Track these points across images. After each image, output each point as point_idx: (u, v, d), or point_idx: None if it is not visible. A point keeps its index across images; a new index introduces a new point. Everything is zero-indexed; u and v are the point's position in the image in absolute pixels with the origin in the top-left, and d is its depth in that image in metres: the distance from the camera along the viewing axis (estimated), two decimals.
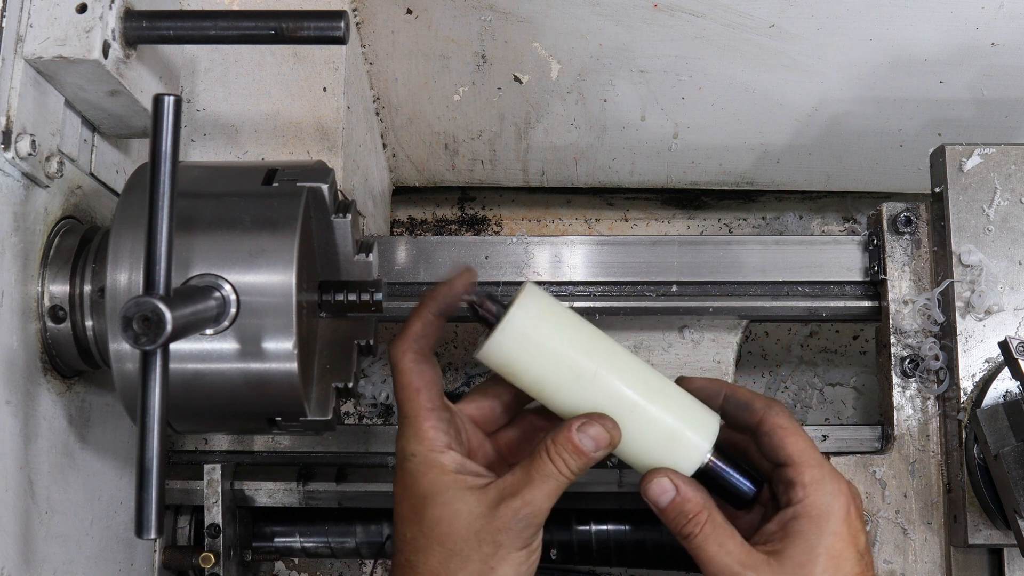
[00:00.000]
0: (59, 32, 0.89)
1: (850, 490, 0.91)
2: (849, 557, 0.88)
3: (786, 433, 0.92)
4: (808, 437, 0.93)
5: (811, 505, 0.89)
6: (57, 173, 0.94)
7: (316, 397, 0.97)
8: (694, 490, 0.90)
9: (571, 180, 1.66)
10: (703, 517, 0.89)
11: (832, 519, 0.89)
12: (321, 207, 0.95)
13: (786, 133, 1.52)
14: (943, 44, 1.35)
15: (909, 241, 1.14)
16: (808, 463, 0.90)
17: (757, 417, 0.93)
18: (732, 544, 0.88)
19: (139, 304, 0.73)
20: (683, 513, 0.89)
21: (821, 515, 0.89)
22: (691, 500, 0.89)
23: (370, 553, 1.30)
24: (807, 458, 0.91)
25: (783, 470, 0.91)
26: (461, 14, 1.36)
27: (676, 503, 0.89)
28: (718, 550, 0.88)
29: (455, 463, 0.88)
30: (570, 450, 0.88)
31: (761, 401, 0.94)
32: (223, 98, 1.26)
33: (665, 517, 0.90)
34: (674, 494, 0.90)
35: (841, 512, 0.89)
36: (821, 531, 0.88)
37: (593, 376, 0.89)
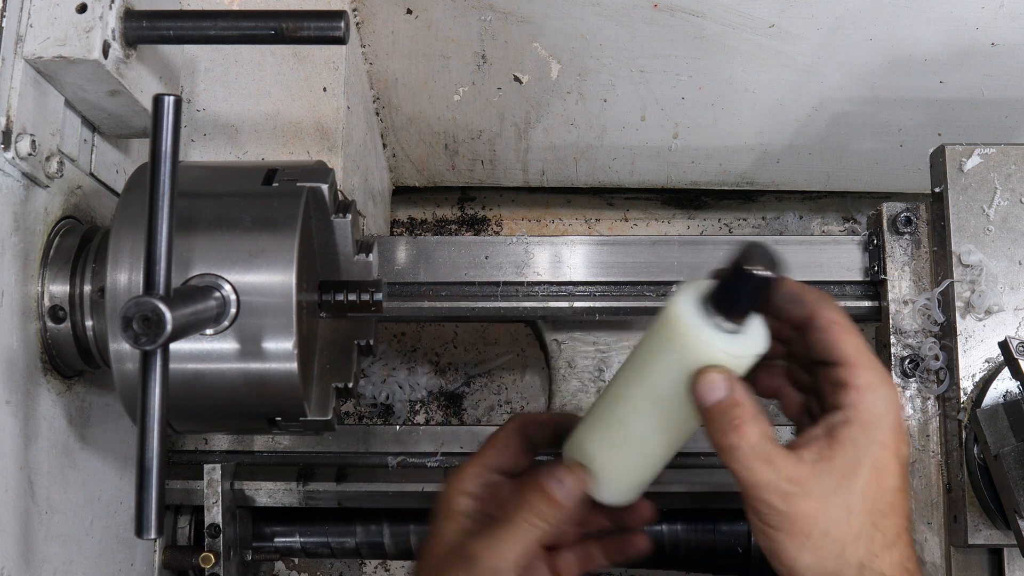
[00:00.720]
0: (59, 32, 0.89)
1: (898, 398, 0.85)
2: (893, 471, 0.83)
3: (841, 330, 0.84)
4: (862, 336, 0.85)
5: (864, 411, 0.82)
6: (57, 173, 0.94)
7: (316, 397, 0.97)
8: (747, 395, 0.81)
9: (571, 180, 1.66)
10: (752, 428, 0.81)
11: (882, 428, 0.83)
12: (321, 207, 0.95)
13: (786, 133, 1.52)
14: (943, 44, 1.35)
15: (909, 241, 1.14)
16: (864, 364, 0.83)
17: (808, 310, 0.85)
18: (779, 458, 0.81)
19: (139, 304, 0.73)
20: (730, 419, 0.81)
21: (873, 422, 0.82)
22: (741, 405, 0.81)
23: (370, 553, 1.30)
24: (863, 359, 0.83)
25: (834, 369, 0.84)
26: (461, 14, 1.36)
27: (723, 405, 0.81)
28: (763, 465, 0.81)
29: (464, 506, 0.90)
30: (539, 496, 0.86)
31: (813, 294, 0.86)
32: (223, 98, 1.26)
33: (708, 417, 0.81)
34: (724, 394, 0.81)
35: (892, 421, 0.83)
36: (871, 440, 0.82)
37: None
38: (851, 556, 0.83)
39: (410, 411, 1.68)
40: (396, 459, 1.22)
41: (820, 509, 0.82)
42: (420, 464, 1.22)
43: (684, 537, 1.25)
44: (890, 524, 0.84)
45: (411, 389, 1.67)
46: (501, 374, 1.69)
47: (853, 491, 0.82)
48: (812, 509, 0.82)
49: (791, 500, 0.81)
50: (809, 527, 0.82)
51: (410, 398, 1.67)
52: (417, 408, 1.68)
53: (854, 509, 0.83)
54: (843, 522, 0.82)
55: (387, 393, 1.66)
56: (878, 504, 0.83)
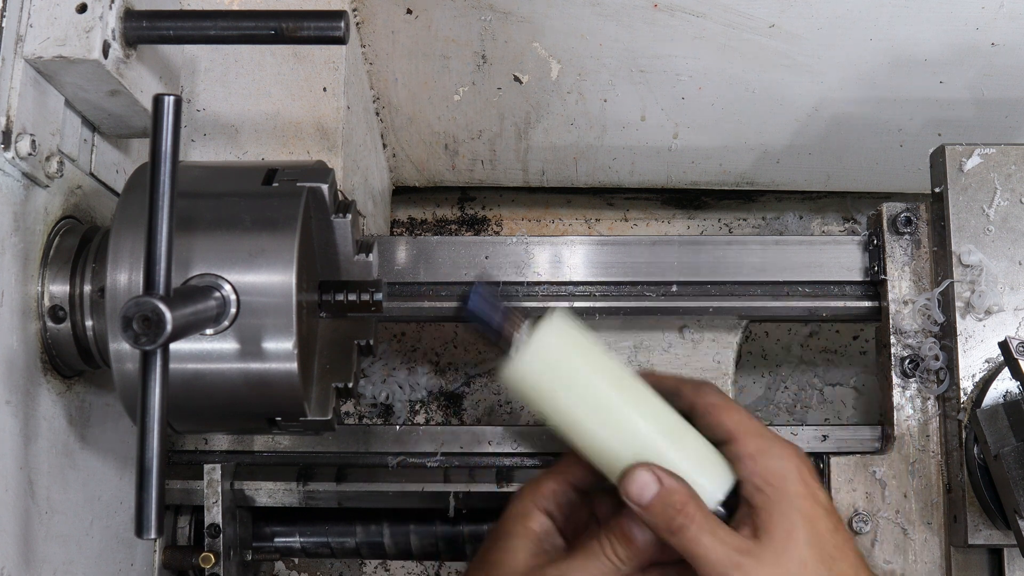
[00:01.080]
0: (59, 32, 0.89)
1: (796, 452, 0.90)
2: (820, 515, 0.87)
3: (720, 410, 0.90)
4: (743, 409, 0.91)
5: (765, 474, 0.87)
6: (57, 173, 0.94)
7: (316, 397, 0.97)
8: (676, 480, 0.86)
9: (571, 180, 1.66)
10: (692, 508, 0.85)
11: (789, 481, 0.87)
12: (321, 207, 0.95)
13: (786, 133, 1.52)
14: (943, 44, 1.35)
15: (909, 241, 1.14)
16: (748, 433, 0.89)
17: (689, 401, 0.92)
18: (724, 532, 0.86)
19: (139, 304, 0.73)
20: (670, 505, 0.85)
21: (779, 481, 0.87)
22: (676, 491, 0.86)
23: (370, 553, 1.30)
24: (745, 429, 0.89)
25: (726, 448, 0.89)
26: (461, 14, 1.36)
27: (661, 496, 0.85)
28: (712, 539, 0.85)
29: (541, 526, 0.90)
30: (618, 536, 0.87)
31: (688, 385, 0.93)
32: (223, 98, 1.26)
33: (649, 513, 0.86)
34: (657, 487, 0.86)
35: (794, 472, 0.88)
36: (787, 496, 0.87)
37: (615, 410, 0.89)
38: None
39: (410, 411, 1.67)
40: (396, 459, 1.22)
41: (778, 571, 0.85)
42: (420, 464, 1.22)
43: None
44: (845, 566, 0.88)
45: (411, 389, 1.67)
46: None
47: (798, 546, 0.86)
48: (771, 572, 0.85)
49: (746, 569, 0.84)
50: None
51: (410, 398, 1.67)
52: (417, 408, 1.68)
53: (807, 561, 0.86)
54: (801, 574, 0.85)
55: (387, 393, 1.66)
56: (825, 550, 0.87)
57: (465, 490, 1.21)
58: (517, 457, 1.22)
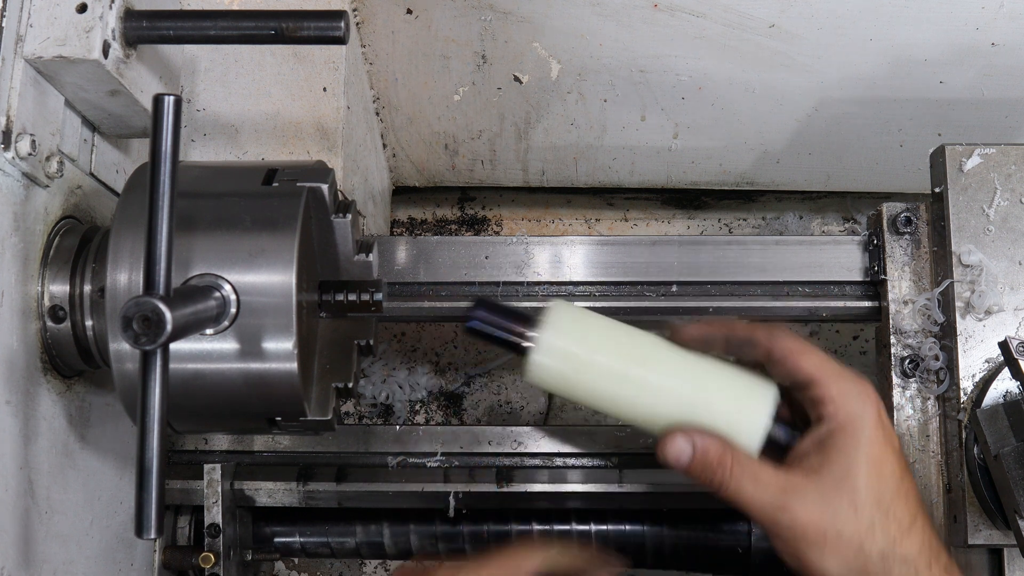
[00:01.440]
0: (59, 32, 0.89)
1: (874, 390, 0.89)
2: (889, 460, 0.87)
3: (798, 355, 0.89)
4: (821, 352, 0.90)
5: (844, 417, 0.87)
6: (57, 173, 0.94)
7: (316, 397, 0.97)
8: (708, 437, 0.88)
9: (571, 180, 1.66)
10: (728, 460, 0.87)
11: (867, 425, 0.87)
12: (321, 207, 0.95)
13: (786, 133, 1.52)
14: (943, 44, 1.35)
15: (909, 241, 1.14)
16: (830, 377, 0.88)
17: (764, 348, 0.91)
18: (766, 475, 0.87)
19: (139, 304, 0.73)
20: (708, 465, 0.87)
21: (856, 425, 0.87)
22: (711, 449, 0.87)
23: (370, 553, 1.30)
24: (828, 372, 0.88)
25: (806, 391, 0.89)
26: (461, 14, 1.36)
27: (698, 458, 0.87)
28: (754, 485, 0.86)
29: None
30: None
31: (763, 331, 0.91)
32: (223, 98, 1.26)
33: (692, 474, 0.88)
34: (692, 450, 0.88)
35: (873, 417, 0.87)
36: (858, 441, 0.86)
37: (641, 380, 0.89)
38: (871, 548, 0.86)
39: (410, 411, 1.67)
40: (396, 459, 1.22)
41: (825, 512, 0.85)
42: (420, 464, 1.22)
43: (684, 537, 1.25)
44: (902, 510, 0.88)
45: (411, 389, 1.67)
46: (501, 374, 1.69)
47: (856, 489, 0.86)
48: (817, 514, 0.85)
49: (791, 510, 0.85)
50: (821, 531, 0.85)
51: (410, 398, 1.67)
52: (417, 408, 1.68)
53: (860, 504, 0.86)
54: (852, 519, 0.85)
55: (387, 393, 1.66)
56: (884, 494, 0.87)
57: (465, 490, 1.21)
58: (517, 457, 1.22)
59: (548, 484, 1.21)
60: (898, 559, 0.86)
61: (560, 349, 0.89)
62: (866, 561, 0.86)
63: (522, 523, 1.26)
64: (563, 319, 0.90)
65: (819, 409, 0.88)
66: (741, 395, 0.91)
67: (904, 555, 0.86)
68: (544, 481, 1.21)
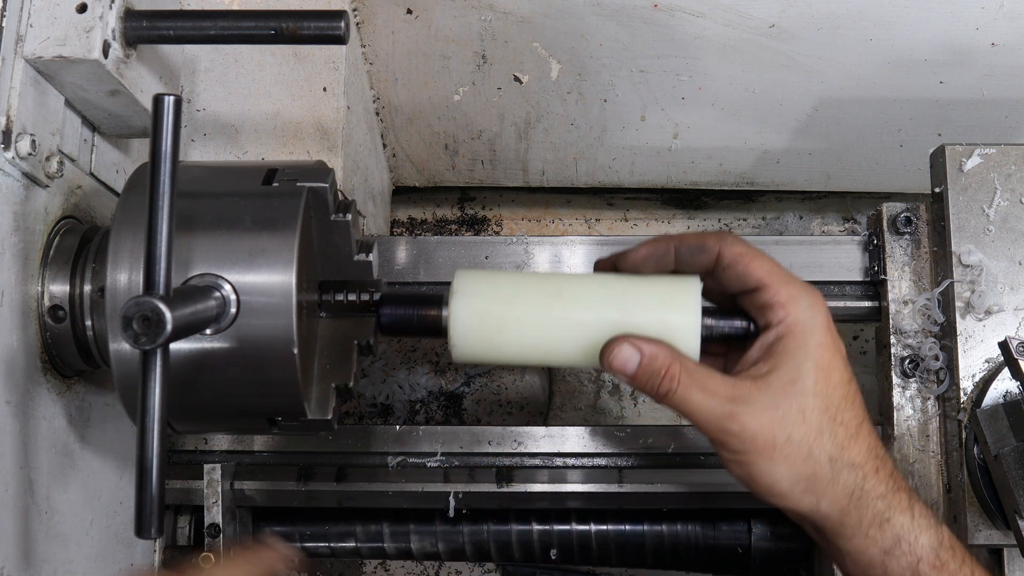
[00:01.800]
0: (59, 32, 0.89)
1: (823, 298, 0.89)
2: (838, 366, 0.87)
3: (748, 259, 0.88)
4: (770, 257, 0.89)
5: (793, 322, 0.86)
6: (57, 173, 0.94)
7: (316, 397, 0.97)
8: (656, 345, 0.86)
9: (571, 180, 1.66)
10: (676, 368, 0.85)
11: (816, 331, 0.86)
12: (321, 207, 0.95)
13: (786, 133, 1.52)
14: (943, 44, 1.35)
15: (909, 241, 1.14)
16: (780, 281, 0.87)
17: (713, 254, 0.89)
18: (714, 383, 0.85)
19: (139, 304, 0.73)
20: (655, 372, 0.85)
21: (805, 330, 0.86)
22: (658, 356, 0.85)
23: (370, 553, 1.30)
24: (777, 277, 0.87)
25: (755, 295, 0.88)
26: (461, 14, 1.36)
27: (644, 365, 0.85)
28: (702, 394, 0.85)
29: None
30: None
31: (712, 237, 0.90)
32: (223, 98, 1.26)
33: (637, 383, 0.86)
34: (639, 356, 0.86)
35: (822, 322, 0.87)
36: (807, 345, 0.86)
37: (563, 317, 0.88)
38: (820, 453, 0.85)
39: (410, 411, 1.67)
40: (396, 459, 1.22)
41: (774, 418, 0.84)
42: (420, 464, 1.22)
43: (684, 537, 1.25)
44: (849, 415, 0.87)
45: (411, 389, 1.67)
46: (501, 374, 1.69)
47: (804, 393, 0.85)
48: (766, 420, 0.84)
49: (740, 418, 0.84)
50: (771, 438, 0.84)
51: (410, 398, 1.67)
52: (417, 408, 1.68)
53: (808, 409, 0.85)
54: (801, 423, 0.85)
55: (387, 393, 1.66)
56: (832, 399, 0.86)
57: (465, 490, 1.21)
58: (517, 457, 1.22)
59: (548, 484, 1.21)
60: (846, 464, 0.86)
61: (477, 313, 0.88)
62: (815, 466, 0.85)
63: (522, 523, 1.26)
64: (471, 284, 0.90)
65: (768, 314, 0.87)
66: (667, 299, 0.89)
67: (852, 460, 0.86)
68: (544, 481, 1.21)
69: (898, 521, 0.87)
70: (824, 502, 0.86)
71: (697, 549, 1.26)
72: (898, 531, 0.87)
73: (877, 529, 0.87)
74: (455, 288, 0.89)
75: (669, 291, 0.89)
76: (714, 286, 0.92)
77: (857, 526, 0.87)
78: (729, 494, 1.18)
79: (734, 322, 0.90)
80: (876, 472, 0.87)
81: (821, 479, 0.85)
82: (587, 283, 0.91)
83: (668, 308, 0.88)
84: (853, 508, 0.86)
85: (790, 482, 0.85)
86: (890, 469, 0.88)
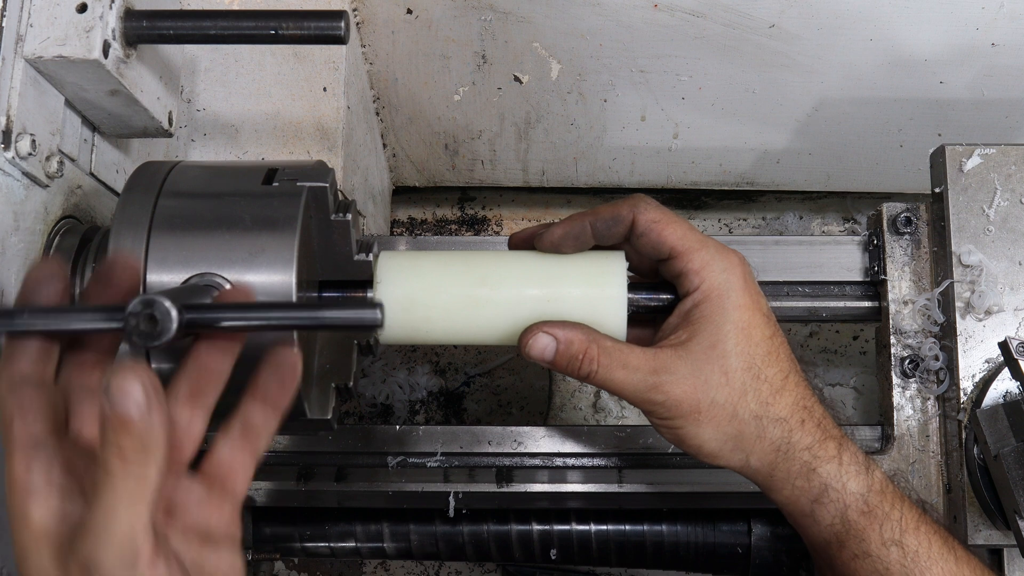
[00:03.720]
0: (59, 32, 0.89)
1: (739, 259, 0.89)
2: (758, 323, 0.88)
3: (662, 225, 0.88)
4: (685, 222, 0.90)
5: (708, 287, 0.87)
6: (57, 173, 0.94)
7: (316, 397, 0.97)
8: (572, 329, 0.87)
9: (571, 180, 1.66)
10: (594, 350, 0.86)
11: (732, 293, 0.87)
12: (321, 206, 0.95)
13: (786, 133, 1.52)
14: (943, 44, 1.35)
15: (909, 241, 1.14)
16: (693, 247, 0.88)
17: (627, 222, 0.90)
18: (634, 358, 0.86)
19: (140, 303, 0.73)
20: (574, 356, 0.86)
21: (720, 292, 0.87)
22: (574, 340, 0.86)
23: (370, 553, 1.30)
24: (690, 243, 0.88)
25: (670, 263, 0.89)
26: (461, 14, 1.36)
27: (562, 351, 0.87)
28: (624, 371, 0.86)
29: None
30: None
31: (626, 206, 0.90)
32: (223, 98, 1.26)
33: (558, 368, 0.87)
34: (555, 344, 0.87)
35: (739, 283, 0.88)
36: (724, 308, 0.87)
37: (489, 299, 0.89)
38: (744, 412, 0.87)
39: (410, 411, 1.67)
40: (396, 459, 1.22)
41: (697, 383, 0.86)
42: (420, 464, 1.22)
43: (684, 537, 1.25)
44: (774, 371, 0.88)
45: (411, 389, 1.67)
46: (501, 374, 1.69)
47: (725, 355, 0.86)
48: (689, 386, 0.86)
49: (663, 387, 0.86)
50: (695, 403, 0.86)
51: (410, 398, 1.67)
52: (417, 408, 1.68)
53: (731, 370, 0.86)
54: (724, 385, 0.86)
55: (387, 393, 1.66)
56: (755, 358, 0.87)
57: (465, 490, 1.21)
58: (517, 457, 1.22)
59: (548, 484, 1.21)
60: (771, 419, 0.87)
61: (400, 300, 0.89)
62: (741, 425, 0.86)
63: (522, 523, 1.26)
64: (393, 269, 0.90)
65: (683, 282, 0.88)
66: (592, 277, 0.90)
67: (777, 415, 0.87)
68: (544, 481, 1.21)
69: (824, 470, 0.88)
70: (753, 458, 0.88)
71: (697, 549, 1.26)
72: (824, 479, 0.88)
73: (804, 479, 0.89)
74: (378, 275, 0.90)
75: (594, 269, 0.90)
76: (634, 255, 0.92)
77: (785, 478, 0.89)
78: (729, 494, 1.18)
79: (660, 294, 0.92)
80: (802, 424, 0.88)
81: (748, 437, 0.87)
82: (512, 264, 0.92)
83: (593, 286, 0.89)
84: (781, 461, 0.88)
85: (718, 443, 0.87)
86: (817, 419, 0.89)
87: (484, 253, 0.94)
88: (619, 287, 0.89)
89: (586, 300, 0.89)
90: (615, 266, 0.90)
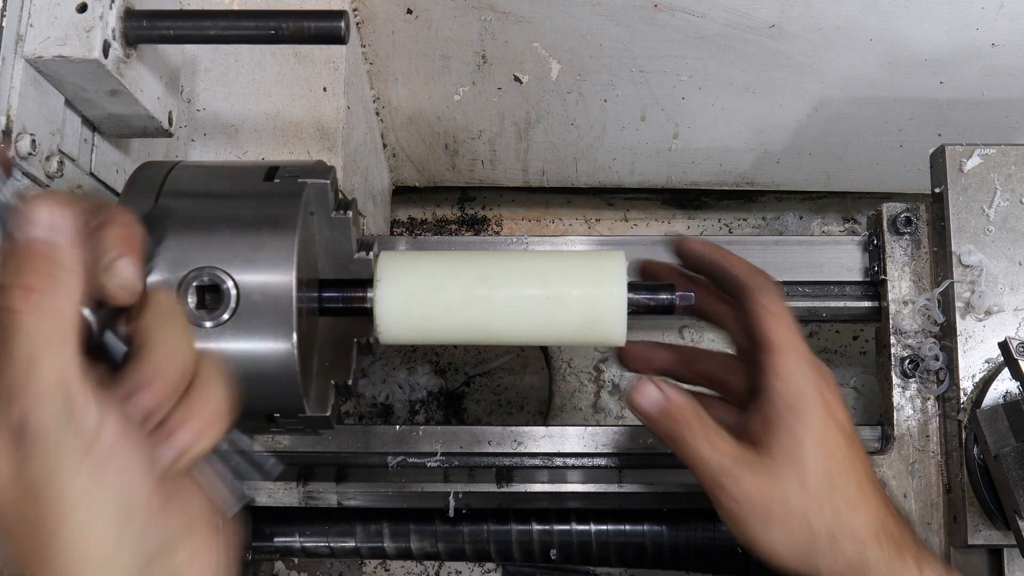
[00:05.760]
0: (59, 32, 0.89)
1: (819, 371, 0.90)
2: (835, 435, 0.88)
3: (771, 318, 0.90)
4: (792, 322, 0.91)
5: (789, 396, 0.88)
6: (57, 173, 0.94)
7: (315, 394, 0.97)
8: (679, 393, 0.89)
9: (571, 180, 1.66)
10: (694, 421, 0.88)
11: (812, 405, 0.88)
12: (322, 204, 0.95)
13: (786, 133, 1.52)
14: (943, 44, 1.35)
15: (909, 241, 1.14)
16: (787, 349, 0.89)
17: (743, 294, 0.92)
18: (722, 442, 0.88)
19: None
20: (673, 419, 0.88)
21: (801, 404, 0.88)
22: (679, 404, 0.88)
23: (370, 553, 1.30)
24: (786, 344, 0.90)
25: (759, 352, 0.90)
26: (461, 14, 1.36)
27: (666, 409, 0.88)
28: (709, 449, 0.87)
29: None
30: None
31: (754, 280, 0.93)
32: (223, 98, 1.26)
33: (654, 423, 0.89)
34: (664, 401, 0.88)
35: (818, 397, 0.88)
36: (804, 419, 0.87)
37: (489, 298, 0.89)
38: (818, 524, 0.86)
39: (410, 411, 1.68)
40: (396, 459, 1.22)
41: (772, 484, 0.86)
42: (420, 464, 1.22)
43: (684, 537, 1.25)
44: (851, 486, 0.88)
45: (411, 389, 1.67)
46: (501, 374, 1.69)
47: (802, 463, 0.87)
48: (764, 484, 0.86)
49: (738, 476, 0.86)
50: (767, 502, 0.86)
51: (410, 398, 1.67)
52: (417, 408, 1.68)
53: (806, 477, 0.86)
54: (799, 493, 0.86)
55: (387, 393, 1.66)
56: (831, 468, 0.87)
57: (465, 490, 1.21)
58: (517, 457, 1.22)
59: (548, 484, 1.21)
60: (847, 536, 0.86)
61: (401, 300, 0.89)
62: (814, 535, 0.86)
63: (522, 523, 1.26)
64: (393, 268, 0.90)
65: (766, 378, 0.89)
66: (593, 276, 0.90)
67: (854, 532, 0.87)
68: (544, 481, 1.21)
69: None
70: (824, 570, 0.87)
71: (697, 549, 1.26)
72: None
73: None
74: (378, 274, 0.90)
75: (594, 268, 0.91)
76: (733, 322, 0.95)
77: None
78: None
79: (660, 295, 0.92)
80: (878, 541, 0.87)
81: (820, 550, 0.87)
82: (512, 264, 0.92)
83: (593, 285, 0.89)
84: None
85: (788, 550, 0.87)
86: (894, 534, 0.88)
87: (484, 253, 0.94)
88: (619, 287, 0.89)
89: (586, 300, 0.89)
90: (615, 266, 0.91)
